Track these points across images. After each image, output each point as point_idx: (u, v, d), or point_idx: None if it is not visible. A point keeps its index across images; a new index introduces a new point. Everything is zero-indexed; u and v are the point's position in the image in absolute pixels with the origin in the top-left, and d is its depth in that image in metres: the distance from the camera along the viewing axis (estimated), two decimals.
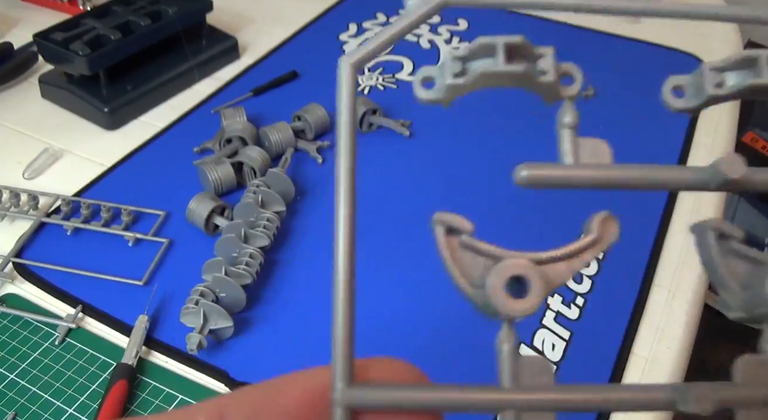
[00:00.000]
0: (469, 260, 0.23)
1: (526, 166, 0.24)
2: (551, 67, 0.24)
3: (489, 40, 0.23)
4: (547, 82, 0.23)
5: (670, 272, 0.59)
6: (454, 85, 0.23)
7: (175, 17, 0.78)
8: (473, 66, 0.23)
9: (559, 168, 0.24)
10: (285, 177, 0.62)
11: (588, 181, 0.24)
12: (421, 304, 0.56)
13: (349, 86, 0.22)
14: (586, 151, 0.25)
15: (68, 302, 0.55)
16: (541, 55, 0.24)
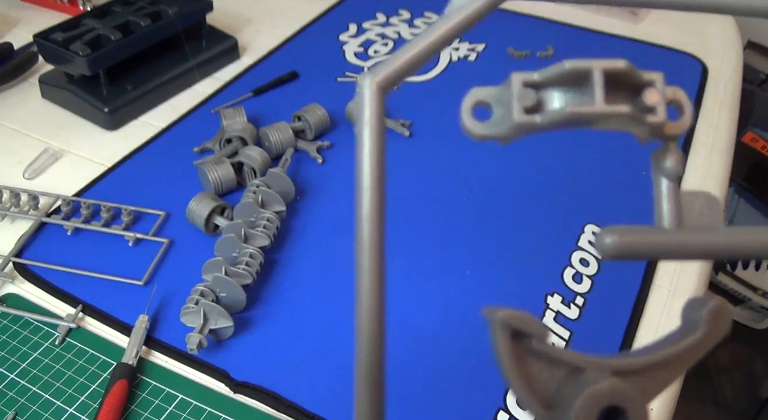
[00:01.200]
0: (539, 372, 0.17)
1: (611, 232, 0.18)
2: (662, 102, 0.17)
3: (580, 65, 0.17)
4: (657, 122, 0.17)
5: (670, 272, 0.59)
6: (525, 124, 0.17)
7: (175, 17, 0.78)
8: (552, 99, 0.17)
9: (658, 234, 0.18)
10: (285, 177, 0.62)
11: (696, 251, 0.18)
12: (421, 304, 0.56)
13: (376, 113, 0.17)
14: (692, 210, 0.19)
15: (68, 302, 0.55)
16: (647, 84, 0.17)
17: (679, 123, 0.18)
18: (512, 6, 0.96)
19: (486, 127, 0.17)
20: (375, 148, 0.17)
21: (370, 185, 0.17)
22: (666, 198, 0.18)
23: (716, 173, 0.69)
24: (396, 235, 0.62)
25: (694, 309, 0.18)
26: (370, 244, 0.17)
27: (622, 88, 0.17)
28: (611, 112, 0.16)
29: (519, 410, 0.48)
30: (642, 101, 0.17)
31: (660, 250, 0.18)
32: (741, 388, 1.28)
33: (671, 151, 0.18)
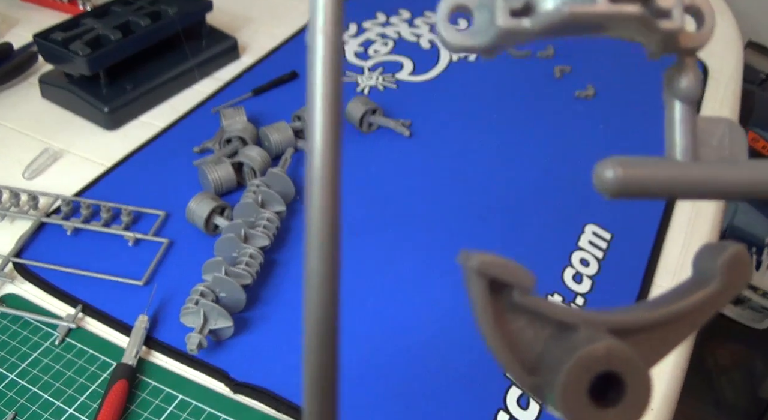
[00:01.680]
0: (522, 329, 0.15)
1: (614, 164, 0.16)
2: (678, 5, 0.14)
3: None
4: (671, 29, 0.15)
5: (670, 272, 0.58)
6: (511, 29, 0.14)
7: (175, 17, 0.78)
8: (539, 2, 0.14)
9: (668, 166, 0.15)
10: (285, 177, 0.62)
11: (713, 187, 0.15)
12: (421, 304, 0.56)
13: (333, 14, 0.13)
14: (710, 139, 0.15)
15: (68, 302, 0.55)
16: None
17: (698, 34, 0.15)
18: None
19: (466, 37, 0.15)
20: (331, 63, 0.13)
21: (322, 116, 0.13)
22: (679, 124, 0.15)
23: None
24: (396, 235, 0.62)
25: (709, 257, 0.15)
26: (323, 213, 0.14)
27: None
28: (617, 14, 0.14)
29: (519, 410, 0.48)
30: (655, 3, 0.14)
31: (670, 185, 0.15)
32: (741, 388, 1.28)
33: (688, 67, 0.15)
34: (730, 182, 0.15)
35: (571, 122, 0.76)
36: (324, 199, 0.14)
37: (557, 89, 0.80)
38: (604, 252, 0.61)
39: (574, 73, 0.83)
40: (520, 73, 0.83)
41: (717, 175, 0.14)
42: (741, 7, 1.07)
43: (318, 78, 0.14)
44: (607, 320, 0.15)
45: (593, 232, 0.62)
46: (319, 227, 0.14)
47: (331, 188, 0.13)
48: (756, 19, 1.19)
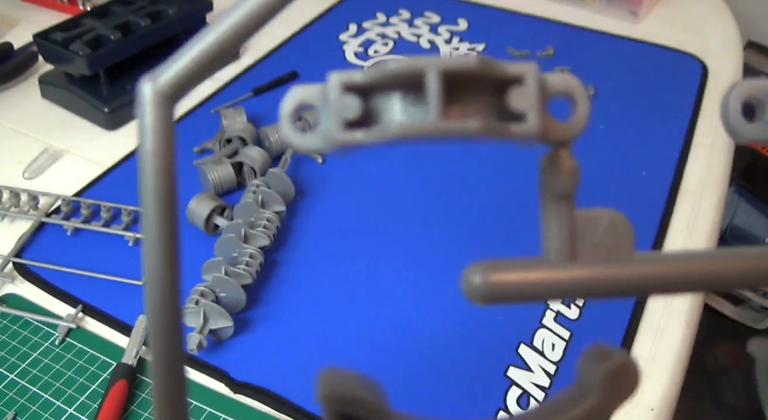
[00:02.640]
0: None
1: (481, 269, 0.14)
2: (534, 106, 0.13)
3: (410, 64, 0.12)
4: (528, 133, 0.13)
5: None
6: (345, 142, 0.13)
7: (175, 17, 0.78)
8: (385, 107, 0.13)
9: (543, 269, 0.14)
10: (285, 177, 0.62)
11: (594, 288, 0.14)
12: (421, 305, 0.56)
13: (161, 133, 0.12)
14: (590, 236, 0.14)
15: (68, 302, 0.55)
16: (514, 80, 0.13)
17: (568, 125, 0.13)
18: (512, 6, 0.96)
19: (309, 139, 0.13)
20: (163, 185, 0.12)
21: (155, 239, 0.13)
22: (556, 221, 0.14)
23: (716, 173, 0.69)
24: (395, 235, 0.62)
25: (591, 365, 0.14)
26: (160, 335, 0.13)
27: (482, 88, 0.13)
28: (452, 129, 0.12)
29: (519, 410, 0.48)
30: (507, 104, 0.13)
31: (544, 290, 0.14)
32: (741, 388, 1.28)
33: (561, 158, 0.14)
34: (608, 283, 0.14)
35: None
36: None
37: None
38: None
39: (574, 73, 0.83)
40: None
41: (594, 277, 0.14)
42: (741, 7, 1.07)
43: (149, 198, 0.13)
44: None
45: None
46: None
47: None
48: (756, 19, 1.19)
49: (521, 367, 0.51)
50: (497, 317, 0.54)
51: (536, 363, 0.51)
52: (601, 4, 0.95)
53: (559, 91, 0.13)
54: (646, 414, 0.48)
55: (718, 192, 0.67)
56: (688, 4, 0.99)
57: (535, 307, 0.55)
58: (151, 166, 0.12)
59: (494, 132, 0.13)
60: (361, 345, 0.52)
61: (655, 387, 0.50)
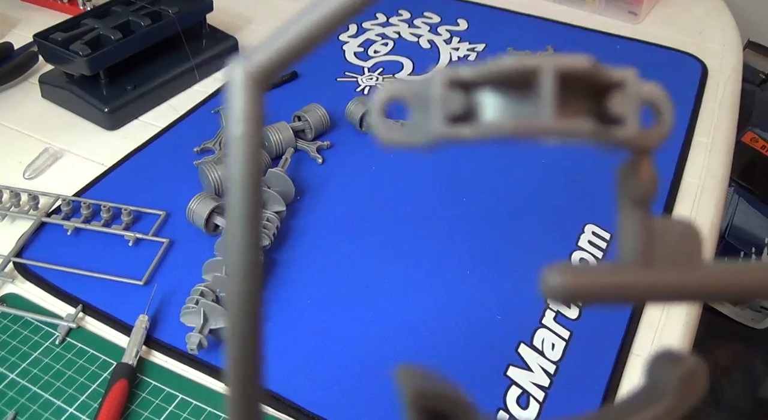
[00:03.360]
0: None
1: (561, 272, 0.14)
2: (633, 112, 0.13)
3: (527, 63, 0.13)
4: (625, 138, 0.14)
5: None
6: (450, 136, 0.13)
7: (175, 17, 0.78)
8: (488, 105, 0.13)
9: (621, 273, 0.14)
10: (285, 177, 0.62)
11: (669, 293, 0.14)
12: (421, 305, 0.56)
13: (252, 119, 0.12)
14: (666, 243, 0.15)
15: (68, 302, 0.55)
16: (614, 86, 0.13)
17: (654, 133, 0.14)
18: (512, 6, 0.96)
19: (401, 133, 0.13)
20: (251, 167, 0.13)
21: (243, 220, 0.13)
22: (633, 227, 0.15)
23: (716, 173, 0.69)
24: (396, 235, 0.62)
25: (663, 369, 0.15)
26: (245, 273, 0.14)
27: (582, 90, 0.13)
28: (567, 130, 0.13)
29: (519, 410, 0.48)
30: (607, 108, 0.13)
31: (620, 293, 0.14)
32: (741, 388, 1.28)
33: (642, 167, 0.14)
34: (683, 289, 0.14)
35: None
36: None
37: None
38: (603, 252, 0.61)
39: None
40: None
41: (669, 282, 0.14)
42: (741, 7, 1.07)
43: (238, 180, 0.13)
44: None
45: (593, 232, 0.62)
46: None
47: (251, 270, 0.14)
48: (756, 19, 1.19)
49: (521, 367, 0.51)
50: (497, 317, 0.54)
51: (536, 363, 0.51)
52: (601, 4, 0.95)
53: (648, 100, 0.14)
54: None
55: (717, 192, 0.68)
56: (688, 4, 0.99)
57: (534, 308, 0.55)
58: (240, 149, 0.12)
59: (599, 135, 0.13)
60: (361, 345, 0.52)
61: None
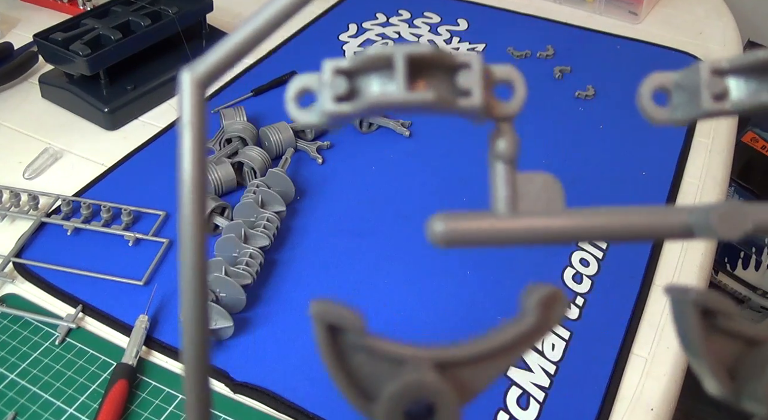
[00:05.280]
0: (361, 365, 0.18)
1: (442, 219, 0.17)
2: (477, 85, 0.17)
3: (382, 51, 0.17)
4: (472, 106, 0.17)
5: (670, 272, 0.59)
6: (336, 112, 0.17)
7: (175, 17, 0.78)
8: (366, 85, 0.17)
9: (490, 219, 0.17)
10: (285, 177, 0.62)
11: (531, 235, 0.18)
12: (421, 305, 0.56)
13: (196, 110, 0.16)
14: (529, 193, 0.18)
15: (68, 302, 0.55)
16: (463, 66, 0.17)
17: (509, 103, 0.17)
18: (512, 6, 0.96)
19: (307, 115, 0.17)
20: (196, 148, 0.16)
21: (190, 187, 0.16)
22: (501, 181, 0.18)
23: (716, 173, 0.69)
24: (396, 235, 0.62)
25: (529, 295, 0.18)
26: (191, 248, 0.17)
27: (439, 72, 0.17)
28: (414, 100, 0.16)
29: (519, 410, 0.48)
30: (456, 84, 0.17)
31: (492, 236, 0.17)
32: None
33: (504, 131, 0.18)
34: (544, 231, 0.17)
35: (571, 122, 0.76)
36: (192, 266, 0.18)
37: (557, 89, 0.80)
38: (604, 252, 0.61)
39: (574, 73, 0.83)
40: None
41: (531, 226, 0.17)
42: (741, 7, 1.07)
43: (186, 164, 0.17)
44: (431, 355, 0.17)
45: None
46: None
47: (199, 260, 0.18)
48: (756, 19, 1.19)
49: (521, 367, 0.51)
50: (497, 317, 0.54)
51: (536, 363, 0.51)
52: (601, 4, 0.95)
53: (503, 79, 0.17)
54: (646, 414, 0.48)
55: (717, 192, 0.68)
56: (688, 4, 0.99)
57: None
58: (188, 133, 0.16)
59: (446, 102, 0.16)
60: None
61: (655, 387, 0.50)
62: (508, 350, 0.17)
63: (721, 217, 0.16)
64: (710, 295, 0.16)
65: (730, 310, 0.17)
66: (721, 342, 0.17)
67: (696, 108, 0.18)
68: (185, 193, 0.16)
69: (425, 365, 0.17)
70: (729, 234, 0.16)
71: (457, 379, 0.17)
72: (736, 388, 0.17)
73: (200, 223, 0.17)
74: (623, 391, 0.50)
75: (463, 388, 0.17)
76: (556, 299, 0.18)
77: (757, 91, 0.17)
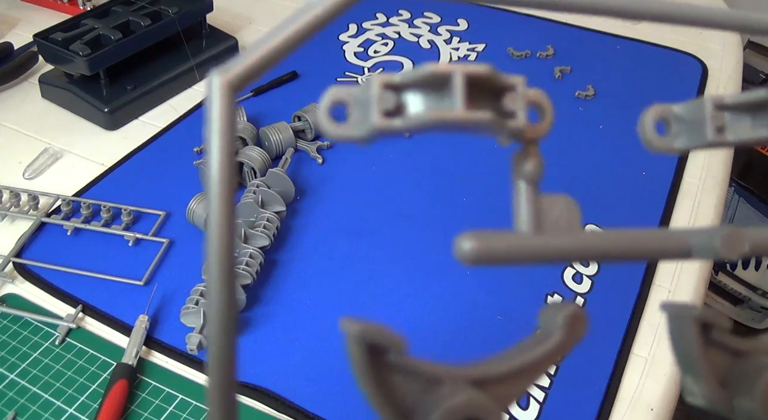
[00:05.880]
0: (399, 385, 0.17)
1: (470, 237, 0.19)
2: (522, 108, 0.18)
3: (442, 69, 0.17)
4: (517, 127, 0.18)
5: (670, 272, 0.59)
6: (384, 128, 0.17)
7: (175, 17, 0.78)
8: (413, 102, 0.17)
9: (516, 239, 0.18)
10: (285, 177, 0.62)
11: (554, 254, 0.18)
12: (421, 305, 0.56)
13: (226, 115, 0.15)
14: (551, 214, 0.19)
15: (68, 302, 0.55)
16: (508, 88, 0.18)
17: (539, 126, 0.18)
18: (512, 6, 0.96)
19: (344, 128, 0.17)
20: (225, 157, 0.16)
21: (219, 195, 0.16)
22: (524, 201, 0.19)
23: (716, 173, 0.69)
24: (396, 235, 0.62)
25: (551, 314, 0.19)
26: (219, 257, 0.17)
27: (485, 92, 0.17)
28: (472, 119, 0.16)
29: (519, 410, 0.48)
30: (503, 105, 0.17)
31: (517, 254, 0.18)
32: None
33: (531, 154, 0.18)
34: (566, 250, 0.18)
35: (571, 122, 0.76)
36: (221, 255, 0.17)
37: (557, 89, 0.80)
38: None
39: (574, 73, 0.83)
40: (520, 73, 0.83)
41: (554, 246, 0.18)
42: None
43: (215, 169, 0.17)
44: (468, 374, 0.18)
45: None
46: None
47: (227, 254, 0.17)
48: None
49: None
50: (497, 317, 0.54)
51: None
52: None
53: (535, 102, 0.18)
54: (646, 414, 0.48)
55: (717, 192, 0.68)
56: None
57: (535, 307, 0.55)
58: (217, 139, 0.16)
59: (497, 124, 0.17)
60: None
61: (655, 387, 0.50)
62: (535, 367, 0.18)
63: (723, 240, 0.17)
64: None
65: (725, 325, 0.18)
66: (714, 355, 0.19)
67: (696, 138, 0.19)
68: (213, 205, 0.16)
69: (462, 383, 0.17)
70: (729, 255, 0.17)
71: (493, 394, 0.17)
72: (726, 399, 0.18)
73: (229, 238, 0.16)
74: (623, 391, 0.50)
75: (498, 403, 0.18)
76: (580, 319, 0.18)
77: (754, 126, 0.18)
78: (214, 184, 0.16)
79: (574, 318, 0.18)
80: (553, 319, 0.19)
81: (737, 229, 0.18)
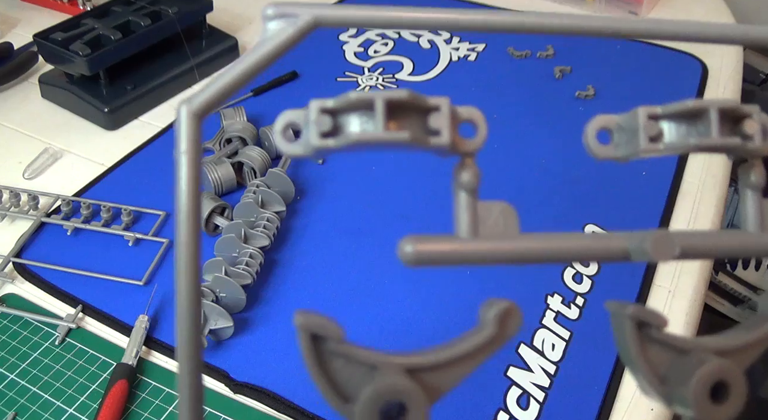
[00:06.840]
0: (340, 370, 0.20)
1: (411, 241, 0.20)
2: (446, 126, 0.19)
3: (364, 96, 0.19)
4: (441, 144, 0.19)
5: (670, 272, 0.59)
6: (321, 147, 0.19)
7: (175, 17, 0.78)
8: (348, 124, 0.19)
9: (453, 242, 0.20)
10: (285, 177, 0.62)
11: (489, 257, 0.20)
12: (421, 305, 0.56)
13: (192, 141, 0.19)
14: (488, 219, 0.21)
15: (68, 302, 0.55)
16: (433, 109, 0.19)
17: (472, 141, 0.20)
18: (512, 6, 0.96)
19: (293, 147, 0.19)
20: (191, 175, 0.18)
21: (186, 211, 0.18)
22: (463, 209, 0.20)
23: (716, 173, 0.69)
24: (395, 235, 0.61)
25: (486, 310, 0.21)
26: (186, 271, 0.19)
27: (413, 114, 0.19)
28: (392, 138, 0.18)
29: (519, 410, 0.48)
30: (428, 124, 0.19)
31: (455, 257, 0.19)
32: None
33: (467, 165, 0.20)
34: (501, 253, 0.20)
35: (571, 122, 0.76)
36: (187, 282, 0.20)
37: (557, 89, 0.80)
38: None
39: (574, 73, 0.83)
40: (521, 73, 0.83)
41: (489, 248, 0.20)
42: (741, 7, 1.07)
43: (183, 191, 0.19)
44: (402, 362, 0.19)
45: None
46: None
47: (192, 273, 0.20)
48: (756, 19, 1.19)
49: (521, 367, 0.51)
50: None
51: (536, 363, 0.51)
52: (601, 4, 0.95)
53: (468, 119, 0.20)
54: (646, 414, 0.48)
55: (717, 192, 0.67)
56: (688, 4, 0.99)
57: (534, 308, 0.55)
58: (184, 162, 0.18)
59: (419, 141, 0.18)
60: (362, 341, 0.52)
61: None
62: (469, 358, 0.20)
63: (653, 243, 0.19)
64: (643, 309, 0.19)
65: (659, 323, 0.20)
66: (655, 351, 0.20)
67: (634, 147, 0.20)
68: (182, 213, 0.18)
69: (396, 370, 0.19)
70: (661, 258, 0.19)
71: (425, 382, 0.19)
72: (667, 392, 0.20)
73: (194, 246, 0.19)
74: (623, 391, 0.50)
75: (430, 390, 0.19)
76: (512, 313, 0.20)
77: (686, 134, 0.20)
78: (183, 195, 0.18)
79: (506, 313, 0.20)
80: (487, 314, 0.20)
81: (667, 232, 0.19)
